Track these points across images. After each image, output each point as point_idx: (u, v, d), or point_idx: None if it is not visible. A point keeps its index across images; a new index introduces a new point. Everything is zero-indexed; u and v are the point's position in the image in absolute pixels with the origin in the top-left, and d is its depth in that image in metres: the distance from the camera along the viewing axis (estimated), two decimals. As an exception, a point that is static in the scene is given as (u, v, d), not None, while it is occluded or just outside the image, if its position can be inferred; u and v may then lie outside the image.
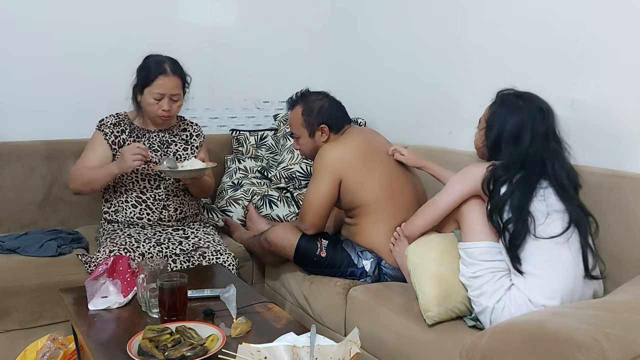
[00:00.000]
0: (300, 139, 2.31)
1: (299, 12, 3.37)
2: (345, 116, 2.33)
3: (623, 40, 1.95)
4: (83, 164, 2.35)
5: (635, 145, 1.95)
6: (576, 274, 1.64)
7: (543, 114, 1.75)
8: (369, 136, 2.33)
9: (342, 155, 2.16)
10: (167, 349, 1.46)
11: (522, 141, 1.73)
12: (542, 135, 1.73)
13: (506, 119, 1.76)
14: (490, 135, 1.79)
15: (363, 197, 2.15)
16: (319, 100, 2.29)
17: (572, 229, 1.65)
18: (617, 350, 1.21)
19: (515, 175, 1.69)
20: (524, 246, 1.65)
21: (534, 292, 1.62)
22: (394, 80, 3.01)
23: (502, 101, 1.81)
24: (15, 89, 2.71)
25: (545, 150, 1.72)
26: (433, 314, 1.76)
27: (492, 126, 1.79)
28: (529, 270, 1.64)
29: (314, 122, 2.26)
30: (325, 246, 2.21)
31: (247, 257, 2.53)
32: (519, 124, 1.74)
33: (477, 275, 1.71)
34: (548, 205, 1.66)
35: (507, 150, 1.75)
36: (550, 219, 1.65)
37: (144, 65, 2.32)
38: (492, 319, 1.67)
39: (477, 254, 1.73)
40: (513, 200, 1.67)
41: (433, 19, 2.74)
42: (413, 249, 1.90)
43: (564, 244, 1.64)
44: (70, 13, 2.78)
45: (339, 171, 2.15)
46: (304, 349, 1.38)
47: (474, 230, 1.75)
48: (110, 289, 1.84)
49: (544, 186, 1.69)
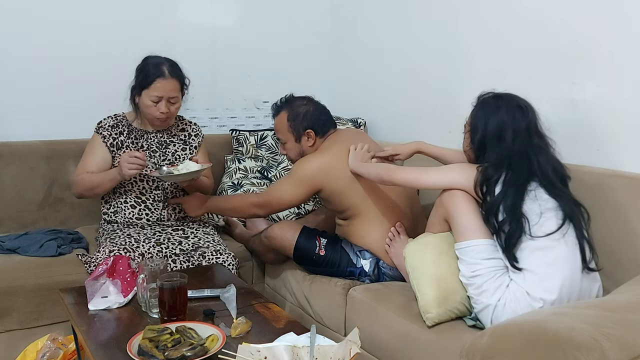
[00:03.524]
0: (287, 144, 2.33)
1: (299, 12, 3.36)
2: (330, 120, 2.36)
3: (623, 40, 1.95)
4: (84, 169, 2.35)
5: (635, 145, 1.95)
6: (574, 267, 1.66)
7: (522, 111, 1.79)
8: (354, 139, 2.32)
9: (323, 165, 2.19)
10: (167, 349, 1.46)
11: (505, 139, 1.77)
12: (524, 131, 1.77)
13: (487, 120, 1.80)
14: (475, 138, 1.83)
15: (349, 200, 2.18)
16: (303, 105, 2.30)
17: (567, 224, 1.67)
18: (617, 350, 1.21)
19: (504, 174, 1.73)
20: (520, 245, 1.67)
21: (533, 287, 1.64)
22: (393, 80, 3.01)
23: (482, 104, 1.86)
24: (16, 89, 2.71)
25: (529, 146, 1.76)
26: (433, 315, 1.76)
27: (476, 128, 1.83)
28: (526, 267, 1.66)
29: (300, 127, 2.28)
30: (324, 245, 2.22)
31: (247, 257, 2.53)
32: (500, 123, 1.78)
33: (477, 274, 1.71)
34: (540, 204, 1.69)
35: (492, 150, 1.78)
36: (544, 217, 1.67)
37: (142, 67, 2.32)
38: (494, 317, 1.68)
39: (475, 252, 1.73)
40: (507, 201, 1.70)
41: (433, 18, 2.74)
42: (411, 250, 1.90)
43: (560, 240, 1.66)
44: (70, 13, 2.78)
45: (318, 182, 2.18)
46: (304, 349, 1.38)
47: (468, 229, 1.76)
48: (110, 289, 1.84)
49: (533, 187, 1.71)
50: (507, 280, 1.69)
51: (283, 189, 2.24)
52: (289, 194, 2.22)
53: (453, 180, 1.83)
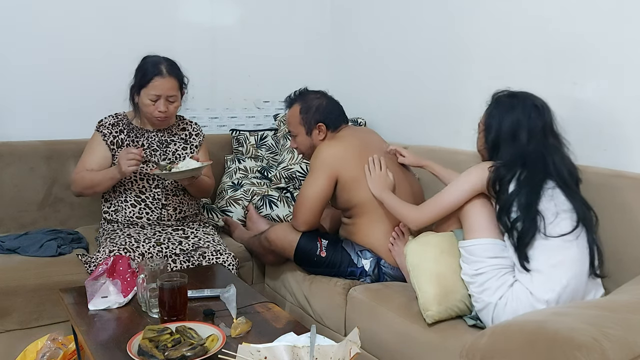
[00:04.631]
0: (298, 137, 2.32)
1: (299, 12, 3.37)
2: (343, 115, 2.34)
3: (623, 40, 1.95)
4: (84, 167, 2.35)
5: (636, 145, 1.95)
6: (582, 271, 1.66)
7: (538, 110, 1.76)
8: (366, 135, 2.34)
9: (338, 153, 2.18)
10: (167, 349, 1.46)
11: (520, 139, 1.74)
12: (539, 131, 1.75)
13: (502, 119, 1.78)
14: (489, 137, 1.81)
15: (359, 196, 2.16)
16: (317, 99, 2.30)
17: (580, 227, 1.67)
18: (617, 350, 1.21)
19: (518, 173, 1.71)
20: (533, 244, 1.66)
21: (539, 288, 1.63)
22: (394, 80, 3.01)
23: (497, 102, 1.83)
24: (16, 89, 2.71)
25: (544, 147, 1.74)
26: (433, 312, 1.75)
27: (490, 127, 1.81)
28: (536, 267, 1.65)
29: (312, 120, 2.27)
30: (325, 246, 2.21)
31: (247, 257, 2.53)
32: (515, 122, 1.75)
33: (480, 272, 1.71)
34: (557, 204, 1.68)
35: (505, 150, 1.76)
36: (560, 217, 1.66)
37: (141, 66, 2.32)
38: (494, 316, 1.68)
39: (481, 250, 1.73)
40: (520, 199, 1.68)
41: (433, 18, 2.74)
42: (412, 248, 1.90)
43: (572, 242, 1.65)
44: (70, 13, 2.78)
45: (335, 169, 2.16)
46: (304, 349, 1.38)
47: (478, 228, 1.76)
48: (110, 289, 1.84)
49: (551, 186, 1.70)
50: (511, 280, 1.69)
51: (305, 185, 2.23)
52: (310, 187, 2.19)
53: (471, 186, 1.79)
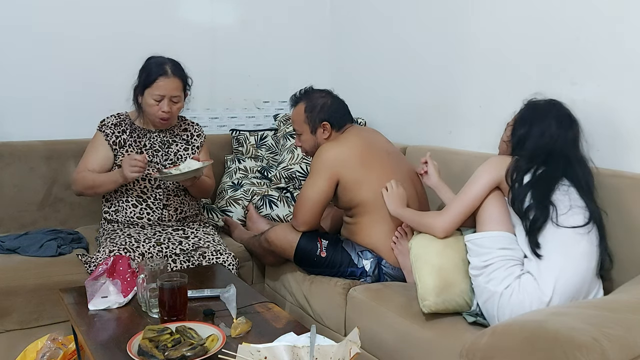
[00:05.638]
0: (302, 136, 2.32)
1: (299, 12, 3.37)
2: (348, 114, 2.34)
3: (623, 40, 1.95)
4: (85, 166, 2.35)
5: (635, 145, 1.95)
6: (589, 267, 1.67)
7: (570, 120, 1.80)
8: (370, 135, 2.34)
9: (340, 154, 2.17)
10: (167, 349, 1.46)
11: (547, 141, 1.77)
12: (569, 141, 1.78)
13: (533, 122, 1.80)
14: (516, 133, 1.83)
15: (361, 195, 2.16)
16: (322, 98, 2.30)
17: (592, 224, 1.69)
18: (617, 350, 1.21)
19: (538, 167, 1.73)
20: (544, 231, 1.68)
21: (545, 275, 1.64)
22: (393, 80, 3.00)
23: (532, 106, 1.85)
24: (16, 89, 2.71)
25: (570, 153, 1.77)
26: (430, 302, 1.76)
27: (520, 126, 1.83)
28: (545, 254, 1.67)
29: (316, 118, 2.27)
30: (325, 246, 2.21)
31: (247, 257, 2.53)
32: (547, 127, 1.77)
33: (489, 263, 1.73)
34: (571, 199, 1.70)
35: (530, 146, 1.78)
36: (573, 211, 1.69)
37: (145, 67, 2.33)
38: (499, 306, 1.68)
39: (491, 242, 1.74)
40: (535, 190, 1.70)
41: (433, 18, 2.73)
42: (417, 241, 1.91)
43: (583, 235, 1.67)
44: (70, 13, 2.78)
45: (336, 170, 2.16)
46: (304, 349, 1.38)
47: (490, 221, 1.77)
48: (110, 289, 1.84)
49: (566, 184, 1.73)
50: (518, 272, 1.70)
51: (305, 186, 2.23)
52: (311, 188, 2.19)
53: (489, 179, 1.80)
